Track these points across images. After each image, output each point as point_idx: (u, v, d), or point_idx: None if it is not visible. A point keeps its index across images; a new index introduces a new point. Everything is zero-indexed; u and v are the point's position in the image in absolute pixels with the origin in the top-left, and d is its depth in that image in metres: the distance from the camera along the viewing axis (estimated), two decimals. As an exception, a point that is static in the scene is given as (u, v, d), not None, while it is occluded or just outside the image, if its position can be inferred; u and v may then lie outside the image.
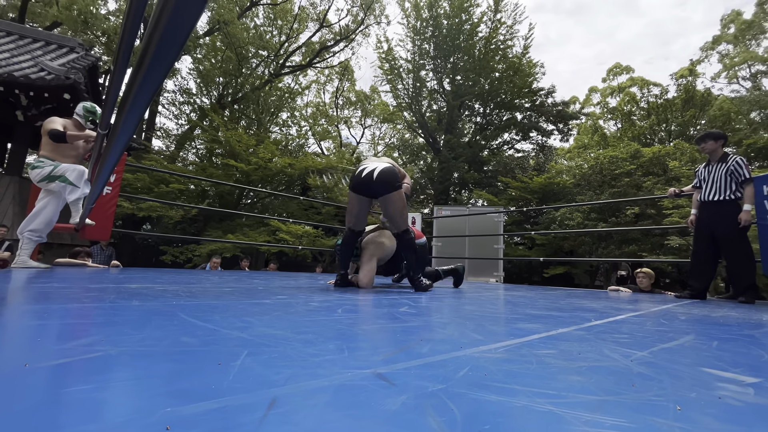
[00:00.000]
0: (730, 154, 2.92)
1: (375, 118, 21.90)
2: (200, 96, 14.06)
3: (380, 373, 0.53)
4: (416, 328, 0.95)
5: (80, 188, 2.72)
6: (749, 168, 2.83)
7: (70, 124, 2.84)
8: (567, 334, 0.96)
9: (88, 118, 2.92)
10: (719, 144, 2.96)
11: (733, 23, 18.85)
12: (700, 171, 3.09)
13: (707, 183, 2.96)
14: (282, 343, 0.69)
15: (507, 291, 2.97)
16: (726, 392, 0.52)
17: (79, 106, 2.94)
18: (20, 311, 0.94)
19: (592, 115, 19.28)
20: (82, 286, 1.61)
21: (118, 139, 1.03)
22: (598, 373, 0.59)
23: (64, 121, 2.80)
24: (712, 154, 2.99)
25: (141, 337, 0.68)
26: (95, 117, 2.94)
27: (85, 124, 2.92)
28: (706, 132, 3.08)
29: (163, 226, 10.17)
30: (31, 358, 0.52)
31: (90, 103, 2.96)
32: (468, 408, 0.42)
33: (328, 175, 11.82)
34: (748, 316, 1.66)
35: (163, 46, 0.53)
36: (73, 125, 2.85)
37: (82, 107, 2.92)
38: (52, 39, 8.00)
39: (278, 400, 0.41)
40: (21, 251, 2.61)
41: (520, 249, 11.02)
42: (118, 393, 0.42)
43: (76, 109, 2.92)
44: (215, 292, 1.62)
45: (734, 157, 2.88)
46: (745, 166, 2.81)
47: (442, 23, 14.54)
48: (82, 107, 2.92)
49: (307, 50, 16.44)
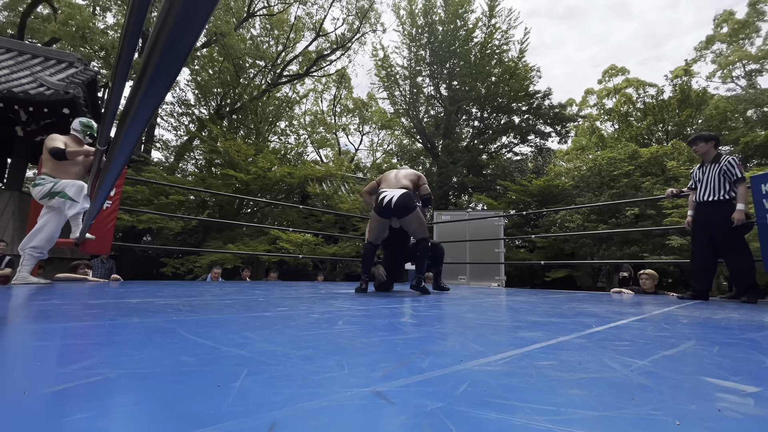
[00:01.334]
0: (723, 155, 2.94)
1: (373, 124, 22.02)
2: (198, 107, 14.15)
3: (379, 391, 0.53)
4: (417, 340, 0.95)
5: (79, 203, 2.73)
6: (741, 167, 2.84)
7: (70, 140, 2.86)
8: (568, 343, 0.96)
9: (86, 132, 2.94)
10: (710, 145, 2.98)
11: (726, 23, 19.03)
12: (695, 172, 3.11)
13: (702, 184, 2.98)
14: (282, 361, 0.69)
15: (509, 296, 2.96)
16: (726, 404, 0.52)
17: (75, 121, 2.94)
18: (20, 331, 0.94)
19: (589, 116, 19.38)
20: (83, 302, 1.61)
21: (119, 154, 1.03)
22: (598, 385, 0.59)
23: (65, 139, 2.83)
24: (704, 155, 3.01)
25: (141, 358, 0.68)
26: (92, 131, 2.96)
27: (83, 138, 2.93)
28: (697, 134, 3.10)
29: (163, 238, 10.17)
30: (31, 384, 0.52)
31: (86, 117, 3.02)
32: (467, 427, 0.42)
33: (327, 182, 11.85)
34: (750, 318, 1.66)
35: (164, 60, 0.53)
36: (73, 141, 2.87)
37: (78, 123, 2.93)
38: (50, 54, 8.08)
39: (278, 423, 0.41)
40: (22, 267, 2.61)
41: (521, 252, 11.01)
42: (117, 420, 0.42)
43: (72, 125, 2.93)
44: (216, 305, 1.62)
45: (726, 157, 2.89)
46: (737, 166, 2.82)
47: (437, 29, 14.69)
48: (79, 123, 2.93)
49: (304, 59, 16.59)
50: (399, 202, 2.65)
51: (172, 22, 0.46)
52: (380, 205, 2.71)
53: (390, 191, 2.72)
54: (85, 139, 2.94)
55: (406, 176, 2.88)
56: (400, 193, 2.68)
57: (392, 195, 2.68)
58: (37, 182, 2.70)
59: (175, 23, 0.46)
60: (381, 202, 2.70)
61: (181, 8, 0.43)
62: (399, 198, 2.66)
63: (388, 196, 2.69)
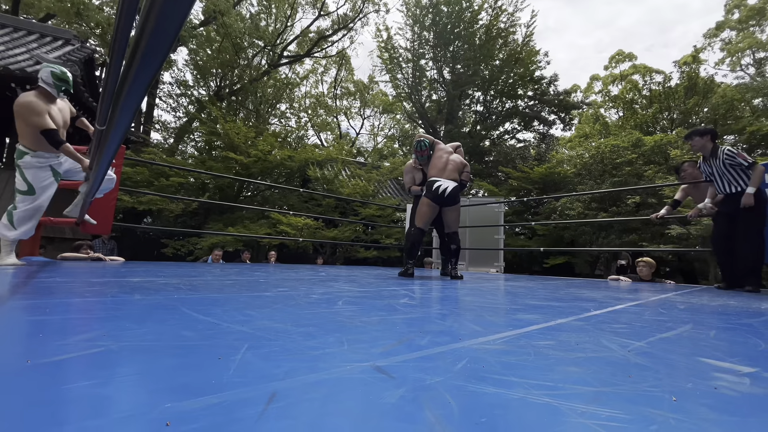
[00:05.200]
0: (719, 147, 2.88)
1: (374, 108, 21.72)
2: (197, 88, 13.91)
3: (379, 366, 0.54)
4: (416, 320, 0.96)
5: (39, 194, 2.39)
6: (741, 154, 2.79)
7: (43, 100, 2.30)
8: (566, 325, 0.96)
9: (60, 87, 2.37)
10: (706, 139, 2.92)
11: (738, 9, 18.52)
12: (703, 168, 3.07)
13: (716, 177, 2.93)
14: (282, 336, 0.70)
15: (507, 281, 2.98)
16: (722, 382, 0.52)
17: (44, 70, 2.32)
18: (22, 306, 0.95)
19: (594, 103, 19.09)
20: (85, 280, 1.62)
21: (114, 133, 1.02)
22: (595, 364, 0.60)
23: (45, 107, 2.29)
24: (702, 150, 2.96)
25: (142, 332, 0.68)
26: (68, 86, 2.40)
27: (57, 95, 2.38)
28: (691, 130, 3.04)
29: (163, 220, 10.17)
30: (33, 354, 0.52)
31: (59, 67, 2.37)
32: (465, 400, 0.42)
33: (328, 167, 11.78)
34: (747, 305, 1.67)
35: (156, 36, 0.52)
36: (42, 99, 2.30)
37: (50, 73, 2.32)
38: (47, 31, 7.90)
39: (278, 394, 0.42)
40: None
41: (520, 239, 11.03)
42: (119, 389, 0.42)
43: (41, 74, 2.31)
44: (217, 285, 1.63)
45: (722, 149, 2.84)
46: (737, 155, 2.78)
47: (441, 10, 14.30)
48: (50, 73, 2.32)
49: (305, 39, 16.22)
50: (452, 194, 2.92)
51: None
52: (436, 193, 2.91)
53: (444, 182, 2.93)
54: (59, 96, 2.41)
55: (455, 168, 3.05)
56: (454, 186, 2.95)
57: (447, 186, 2.92)
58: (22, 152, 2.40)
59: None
60: (437, 190, 2.90)
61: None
62: (452, 190, 2.93)
63: (443, 186, 2.92)
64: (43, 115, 2.28)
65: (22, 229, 2.40)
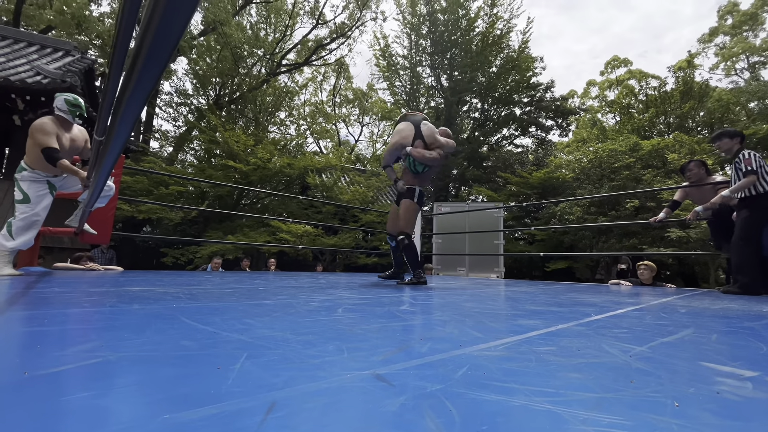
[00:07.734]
0: (742, 150, 2.81)
1: (373, 115, 21.84)
2: (197, 97, 14.00)
3: (379, 374, 0.54)
4: (416, 327, 0.96)
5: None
6: (752, 161, 2.67)
7: (55, 124, 2.47)
8: (566, 330, 0.96)
9: (74, 113, 2.55)
10: (735, 141, 2.85)
11: (731, 14, 18.79)
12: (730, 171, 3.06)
13: (732, 179, 2.93)
14: (281, 345, 0.70)
15: (508, 287, 2.97)
16: (724, 387, 0.52)
17: (58, 99, 2.51)
18: (20, 317, 0.94)
19: (590, 108, 19.24)
20: (83, 290, 1.61)
21: (114, 143, 1.02)
22: (596, 369, 0.59)
23: (56, 130, 2.45)
24: (728, 152, 2.90)
25: (141, 342, 0.68)
26: (81, 110, 2.58)
27: (72, 120, 2.55)
28: (721, 130, 2.95)
29: (163, 228, 10.16)
30: (31, 365, 0.52)
31: (71, 95, 2.56)
32: (466, 408, 0.42)
33: (327, 174, 11.81)
34: (748, 308, 1.67)
35: (155, 46, 0.52)
36: (56, 123, 2.48)
37: (63, 101, 2.50)
38: (47, 42, 7.97)
39: (277, 403, 0.41)
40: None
41: (520, 244, 11.02)
42: (117, 400, 0.42)
43: (55, 103, 2.51)
44: (216, 293, 1.62)
45: (741, 150, 2.79)
46: (744, 160, 2.70)
47: (438, 18, 14.47)
48: (64, 101, 2.51)
49: (303, 48, 16.38)
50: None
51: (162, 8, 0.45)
52: (421, 198, 2.86)
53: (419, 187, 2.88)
54: (74, 120, 2.58)
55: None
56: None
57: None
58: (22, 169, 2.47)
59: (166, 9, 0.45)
60: (421, 195, 2.86)
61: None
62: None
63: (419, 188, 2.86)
64: (50, 135, 2.42)
65: (21, 239, 2.41)
